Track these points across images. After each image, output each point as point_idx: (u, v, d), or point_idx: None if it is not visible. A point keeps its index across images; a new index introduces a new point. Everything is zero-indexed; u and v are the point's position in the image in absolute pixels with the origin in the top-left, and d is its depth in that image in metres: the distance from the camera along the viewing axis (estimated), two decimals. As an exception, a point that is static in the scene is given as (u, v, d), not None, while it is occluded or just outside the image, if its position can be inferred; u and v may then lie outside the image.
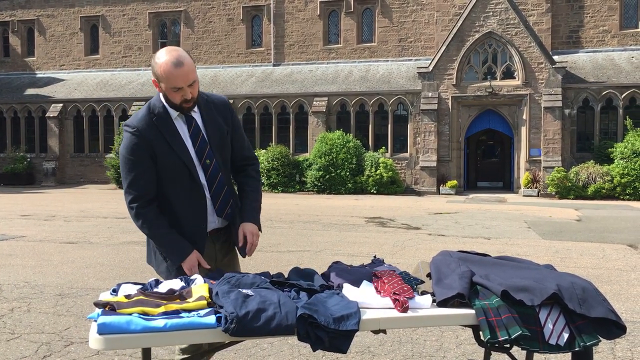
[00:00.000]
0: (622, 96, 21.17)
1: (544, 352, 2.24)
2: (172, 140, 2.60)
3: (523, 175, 21.40)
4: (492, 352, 2.82)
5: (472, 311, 2.25)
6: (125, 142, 2.62)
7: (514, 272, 2.50)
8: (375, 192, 21.43)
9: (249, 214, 2.75)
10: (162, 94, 2.61)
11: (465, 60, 22.03)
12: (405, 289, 2.34)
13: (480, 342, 2.34)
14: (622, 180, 19.20)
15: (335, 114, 24.04)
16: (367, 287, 2.41)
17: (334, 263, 2.76)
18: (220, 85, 25.25)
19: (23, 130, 27.84)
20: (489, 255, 2.80)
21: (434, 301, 2.33)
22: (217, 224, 2.74)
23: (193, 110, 2.67)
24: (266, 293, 2.23)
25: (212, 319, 2.07)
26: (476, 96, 21.89)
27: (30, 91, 28.15)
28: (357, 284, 2.44)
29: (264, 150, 23.03)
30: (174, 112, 2.64)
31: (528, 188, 20.84)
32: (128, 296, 2.26)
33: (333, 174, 21.46)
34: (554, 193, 20.04)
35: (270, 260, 7.59)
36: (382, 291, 2.34)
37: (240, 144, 2.86)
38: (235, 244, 2.76)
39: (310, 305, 2.16)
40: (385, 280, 2.40)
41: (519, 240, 9.88)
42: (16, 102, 27.70)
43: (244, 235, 2.69)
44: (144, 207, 2.61)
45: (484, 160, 25.42)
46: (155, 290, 2.37)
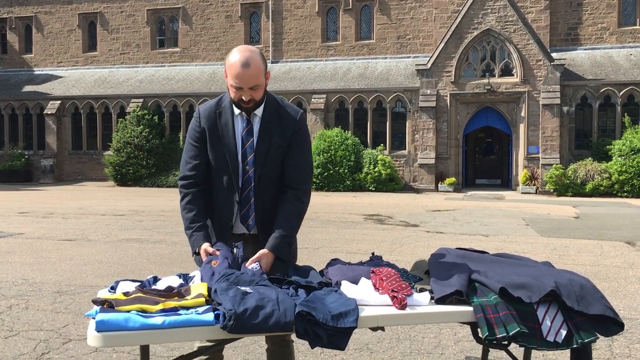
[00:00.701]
0: (620, 93, 21.19)
1: (542, 349, 2.25)
2: (224, 135, 2.66)
3: (521, 173, 21.42)
4: (490, 349, 2.82)
5: (470, 308, 2.26)
6: (189, 125, 2.77)
7: (512, 270, 2.50)
8: (373, 189, 21.44)
9: (275, 242, 2.59)
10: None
11: (464, 57, 22.02)
12: (404, 286, 2.34)
13: (478, 339, 2.34)
14: (620, 177, 19.23)
15: (334, 111, 24.03)
16: (365, 284, 2.41)
17: (332, 260, 2.77)
18: (218, 83, 25.21)
19: (21, 128, 27.78)
20: (487, 253, 2.80)
21: (432, 298, 2.33)
22: (246, 230, 2.72)
23: (255, 113, 2.66)
24: (264, 290, 2.23)
25: (210, 316, 2.07)
26: (474, 93, 21.89)
27: (28, 88, 28.09)
28: (355, 281, 2.44)
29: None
30: (237, 109, 2.66)
31: (526, 185, 20.87)
32: (126, 293, 2.26)
33: (331, 171, 21.47)
34: (552, 190, 20.06)
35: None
36: (380, 288, 2.35)
37: (293, 162, 2.69)
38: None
39: (309, 302, 2.17)
40: (384, 278, 2.40)
41: (517, 237, 9.89)
42: (14, 99, 27.64)
43: (258, 259, 2.54)
44: (186, 187, 2.71)
45: (482, 157, 25.44)
46: (153, 287, 2.37)
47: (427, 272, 2.62)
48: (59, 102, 26.84)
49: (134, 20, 28.29)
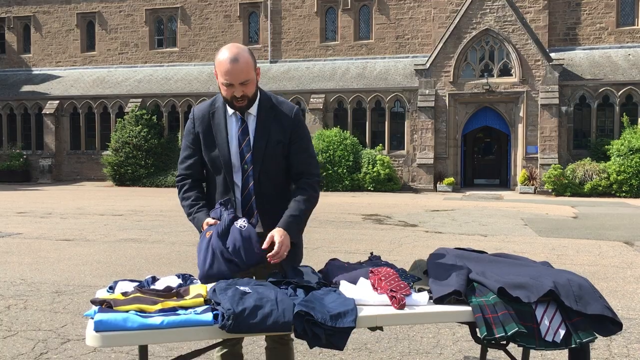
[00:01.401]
0: (619, 93, 21.22)
1: (540, 349, 2.25)
2: (217, 135, 2.68)
3: (520, 173, 21.43)
4: (488, 348, 2.82)
5: (469, 308, 2.26)
6: (186, 125, 2.83)
7: (511, 269, 2.50)
8: (372, 189, 21.44)
9: (284, 221, 2.59)
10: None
11: (462, 57, 22.03)
12: (402, 286, 2.34)
13: (476, 339, 2.34)
14: (619, 177, 19.26)
15: (332, 111, 24.03)
16: (364, 284, 2.41)
17: (331, 260, 2.77)
18: (216, 83, 25.10)
19: (19, 127, 27.75)
20: (486, 253, 2.80)
21: (430, 298, 2.33)
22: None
23: (249, 112, 2.67)
24: (263, 290, 2.23)
25: (209, 316, 2.07)
26: (473, 93, 21.90)
27: (26, 88, 28.05)
28: (354, 281, 2.45)
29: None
30: (231, 108, 2.67)
31: (525, 185, 20.88)
32: (125, 293, 2.26)
33: (330, 171, 21.47)
34: (550, 190, 20.08)
35: (267, 257, 7.57)
36: (379, 288, 2.35)
37: (298, 157, 2.72)
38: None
39: (307, 302, 2.17)
40: (382, 278, 2.40)
41: (515, 237, 9.90)
42: (12, 99, 27.61)
43: (271, 239, 2.50)
44: (182, 181, 2.79)
45: (480, 157, 25.44)
46: (152, 287, 2.37)
47: (425, 272, 2.62)
48: (57, 102, 26.81)
49: (133, 20, 28.27)
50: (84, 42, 29.17)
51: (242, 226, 2.48)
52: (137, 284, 2.44)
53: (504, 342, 2.31)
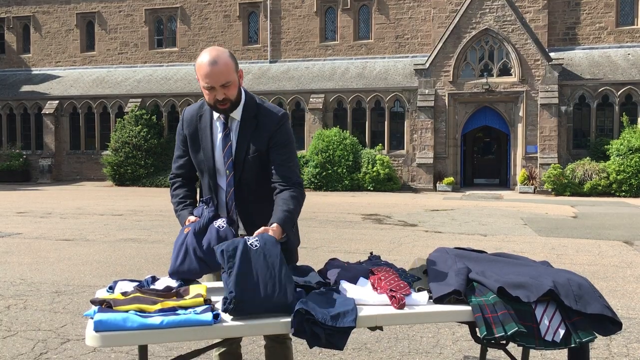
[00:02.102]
0: (618, 93, 21.22)
1: (540, 348, 2.25)
2: (202, 139, 2.71)
3: (519, 172, 21.44)
4: (488, 348, 2.82)
5: (469, 308, 2.26)
6: (177, 126, 2.87)
7: (510, 269, 2.50)
8: (372, 189, 21.44)
9: (278, 215, 2.51)
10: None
11: (462, 57, 22.03)
12: (402, 285, 2.34)
13: (476, 339, 2.34)
14: (618, 177, 19.26)
15: (332, 111, 24.03)
16: (363, 284, 2.41)
17: (330, 260, 2.77)
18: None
19: (19, 127, 27.73)
20: (486, 252, 2.80)
21: (430, 298, 2.33)
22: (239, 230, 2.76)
23: (233, 117, 2.67)
24: (264, 272, 2.25)
25: (208, 316, 2.07)
26: (473, 93, 21.90)
27: (26, 88, 28.05)
28: (353, 281, 2.45)
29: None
30: (216, 112, 2.69)
31: (524, 185, 20.88)
32: (124, 293, 2.26)
33: (330, 171, 21.47)
34: (550, 190, 20.08)
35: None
36: (378, 288, 2.35)
37: (279, 162, 2.65)
38: None
39: (307, 302, 2.17)
40: (382, 277, 2.40)
41: (515, 236, 9.90)
42: (12, 99, 27.60)
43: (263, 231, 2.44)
44: (173, 179, 2.88)
45: (480, 157, 25.45)
46: (151, 287, 2.37)
47: (425, 272, 2.62)
48: (57, 102, 26.81)
49: (132, 20, 28.27)
50: (84, 42, 29.17)
51: (220, 226, 2.50)
52: (136, 283, 2.44)
53: (504, 342, 2.31)
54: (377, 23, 25.55)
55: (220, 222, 2.52)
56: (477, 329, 2.26)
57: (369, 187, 21.47)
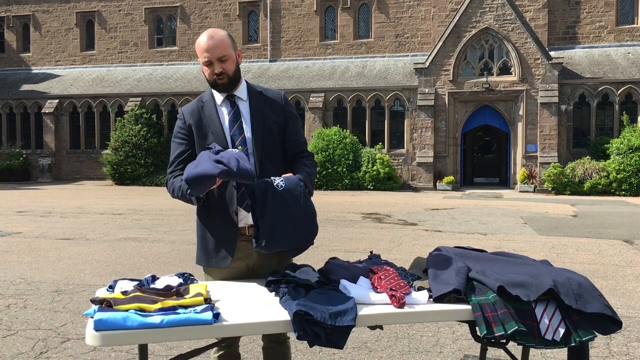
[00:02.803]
0: (618, 92, 21.22)
1: (539, 347, 2.25)
2: (210, 125, 2.68)
3: (519, 171, 21.44)
4: (488, 347, 2.82)
5: (469, 307, 2.26)
6: (175, 127, 2.83)
7: (510, 268, 2.50)
8: (372, 188, 21.44)
9: (300, 171, 2.69)
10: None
11: (462, 56, 22.02)
12: (402, 284, 2.34)
13: (476, 338, 2.34)
14: (618, 176, 19.26)
15: (332, 110, 24.02)
16: (363, 283, 2.41)
17: (330, 259, 2.77)
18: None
19: (19, 126, 27.73)
20: (486, 251, 2.80)
21: (430, 297, 2.33)
22: (248, 220, 2.64)
23: (240, 97, 2.70)
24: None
25: (208, 315, 2.07)
26: (473, 92, 21.90)
27: (25, 87, 28.04)
28: (353, 280, 2.45)
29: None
30: (219, 97, 2.70)
31: (524, 184, 20.89)
32: (125, 292, 2.26)
33: (330, 170, 21.47)
34: (550, 189, 20.09)
35: (267, 256, 7.56)
36: (378, 287, 2.35)
37: (294, 138, 2.80)
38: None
39: (307, 301, 2.17)
40: (382, 276, 2.40)
41: (515, 236, 9.90)
42: (12, 98, 27.59)
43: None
44: (170, 172, 2.80)
45: (480, 156, 25.45)
46: (151, 286, 2.37)
47: (425, 271, 2.62)
48: (56, 101, 26.80)
49: (132, 19, 28.25)
50: (84, 41, 29.15)
51: (238, 151, 2.51)
52: (136, 283, 2.44)
53: (504, 341, 2.31)
54: (377, 22, 25.53)
55: (237, 151, 2.52)
56: (477, 328, 2.25)
57: (369, 186, 21.47)
